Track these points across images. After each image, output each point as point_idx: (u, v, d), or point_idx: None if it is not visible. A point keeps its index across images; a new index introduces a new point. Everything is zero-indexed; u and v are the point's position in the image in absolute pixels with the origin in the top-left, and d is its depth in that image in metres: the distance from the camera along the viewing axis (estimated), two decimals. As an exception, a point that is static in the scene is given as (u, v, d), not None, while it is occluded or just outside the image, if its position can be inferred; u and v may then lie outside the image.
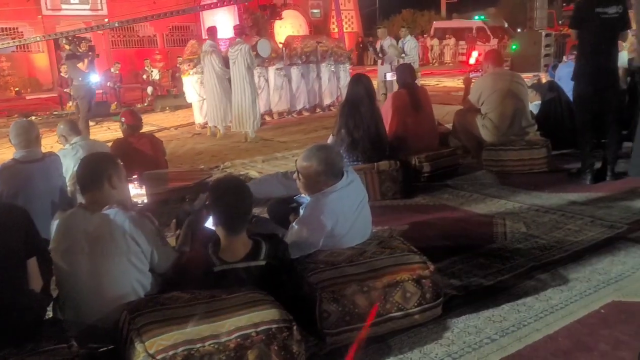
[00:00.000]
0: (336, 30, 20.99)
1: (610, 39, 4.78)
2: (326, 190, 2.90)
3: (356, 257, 2.77)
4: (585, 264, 3.22)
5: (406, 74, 5.69)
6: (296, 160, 3.06)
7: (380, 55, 10.97)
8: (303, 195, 3.15)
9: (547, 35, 17.47)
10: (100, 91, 13.77)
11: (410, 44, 11.09)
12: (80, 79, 8.97)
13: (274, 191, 4.43)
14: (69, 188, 4.22)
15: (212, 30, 9.19)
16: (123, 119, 5.14)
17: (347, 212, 2.90)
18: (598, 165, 5.01)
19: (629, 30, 4.96)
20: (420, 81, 12.27)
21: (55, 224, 2.59)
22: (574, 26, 4.94)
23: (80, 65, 8.86)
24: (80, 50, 9.22)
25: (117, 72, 15.97)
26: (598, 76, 4.77)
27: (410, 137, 5.28)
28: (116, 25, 13.04)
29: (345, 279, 2.57)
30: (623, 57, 8.61)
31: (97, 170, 2.58)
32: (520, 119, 5.59)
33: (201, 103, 9.86)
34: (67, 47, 9.20)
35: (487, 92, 5.59)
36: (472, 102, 5.74)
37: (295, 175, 3.05)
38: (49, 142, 8.04)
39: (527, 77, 9.35)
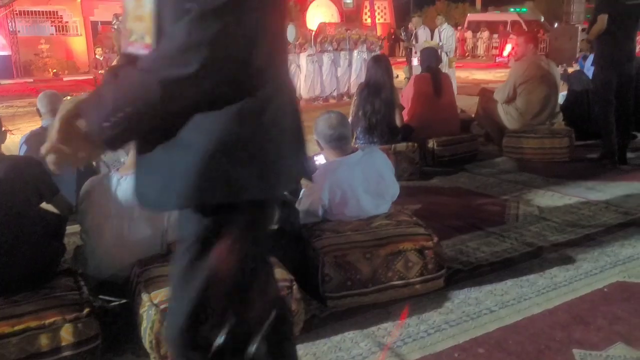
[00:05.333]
0: (369, 21, 20.96)
1: (632, 26, 4.80)
2: (335, 160, 2.95)
3: (362, 226, 2.82)
4: (594, 246, 3.22)
5: (431, 58, 5.67)
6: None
7: (413, 42, 10.89)
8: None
9: (583, 29, 17.12)
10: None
11: (447, 32, 10.92)
12: None
13: None
14: (93, 158, 4.36)
15: None
16: None
17: (352, 187, 2.90)
18: None
19: None
20: (456, 73, 12.13)
21: (86, 185, 2.70)
22: (601, 11, 4.79)
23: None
24: None
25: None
26: (620, 61, 4.78)
27: (431, 121, 5.26)
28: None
29: (349, 245, 2.63)
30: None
31: None
32: (548, 107, 5.50)
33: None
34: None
35: (520, 79, 5.49)
36: (504, 93, 5.62)
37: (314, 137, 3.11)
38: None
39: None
